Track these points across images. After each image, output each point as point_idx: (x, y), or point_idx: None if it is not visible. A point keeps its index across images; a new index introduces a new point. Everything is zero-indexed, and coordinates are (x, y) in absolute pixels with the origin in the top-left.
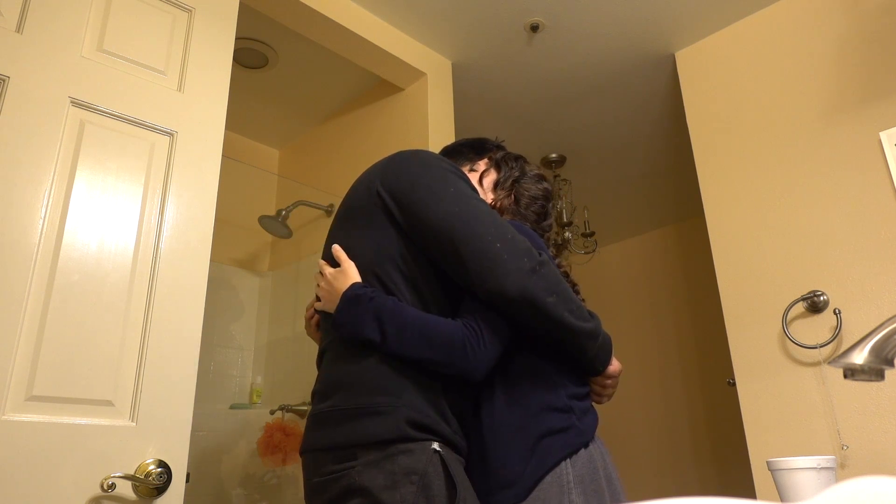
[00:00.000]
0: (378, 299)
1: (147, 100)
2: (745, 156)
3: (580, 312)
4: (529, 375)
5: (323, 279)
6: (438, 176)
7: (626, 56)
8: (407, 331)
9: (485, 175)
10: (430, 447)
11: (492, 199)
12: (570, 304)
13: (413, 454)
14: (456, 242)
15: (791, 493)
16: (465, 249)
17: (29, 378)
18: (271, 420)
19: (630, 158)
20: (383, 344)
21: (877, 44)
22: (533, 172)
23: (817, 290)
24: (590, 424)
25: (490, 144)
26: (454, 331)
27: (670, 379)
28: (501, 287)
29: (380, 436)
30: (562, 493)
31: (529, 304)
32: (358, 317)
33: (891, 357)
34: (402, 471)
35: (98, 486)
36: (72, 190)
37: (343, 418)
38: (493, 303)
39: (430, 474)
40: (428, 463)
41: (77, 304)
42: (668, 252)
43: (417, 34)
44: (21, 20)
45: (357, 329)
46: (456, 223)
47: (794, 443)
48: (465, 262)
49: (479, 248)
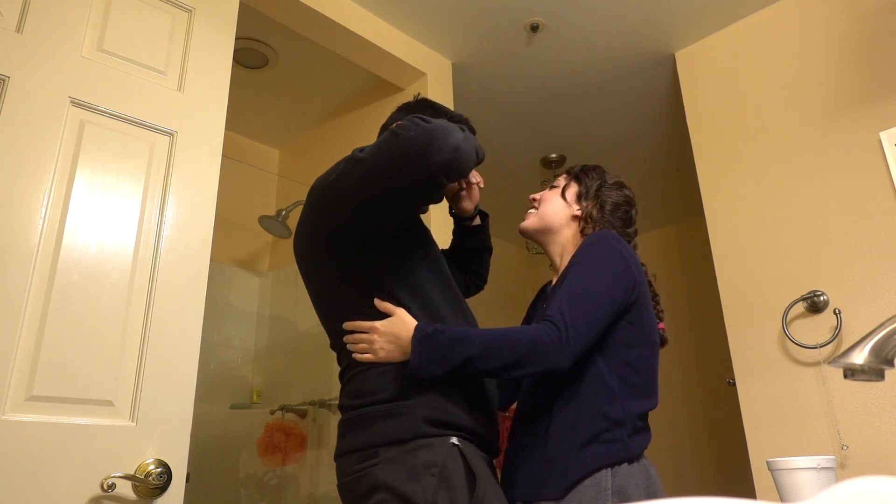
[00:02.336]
0: (447, 331)
1: (147, 100)
2: (745, 156)
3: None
4: (596, 383)
5: (377, 334)
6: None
7: (626, 56)
8: (490, 346)
9: (567, 189)
10: (448, 441)
11: (578, 210)
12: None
13: (433, 448)
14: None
15: (791, 493)
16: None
17: (29, 378)
18: (271, 420)
19: (630, 158)
20: (471, 367)
21: (877, 44)
22: (613, 180)
23: (817, 290)
24: (639, 443)
25: (450, 114)
26: (534, 330)
27: (670, 379)
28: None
29: (399, 434)
30: (598, 500)
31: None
32: (438, 353)
33: (891, 357)
34: (422, 464)
35: (98, 486)
36: (72, 190)
37: (365, 422)
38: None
39: (450, 467)
40: (447, 456)
41: (77, 304)
42: (667, 252)
43: (417, 34)
44: (21, 20)
45: (441, 365)
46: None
47: (794, 443)
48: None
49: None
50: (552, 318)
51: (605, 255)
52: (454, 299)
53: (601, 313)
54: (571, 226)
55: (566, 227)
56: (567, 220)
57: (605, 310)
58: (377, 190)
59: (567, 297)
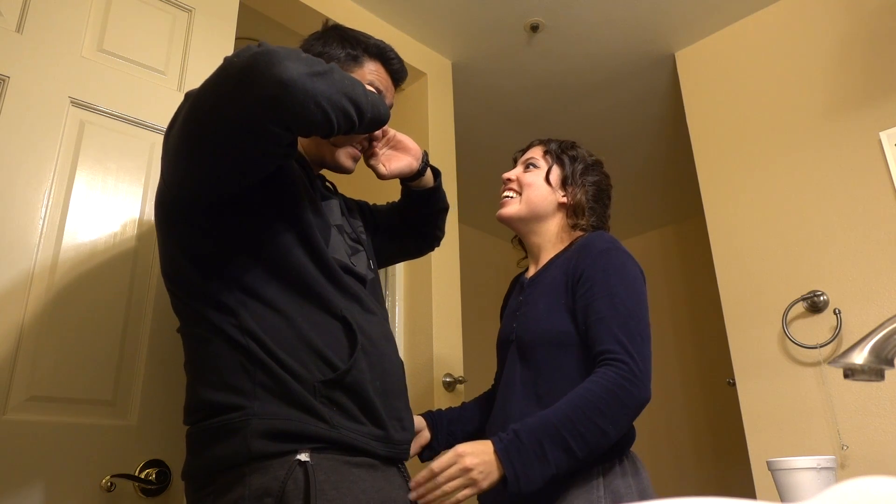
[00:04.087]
0: (521, 431)
1: (147, 100)
2: (744, 156)
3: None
4: (567, 383)
5: (459, 467)
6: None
7: (626, 56)
8: (577, 429)
9: (550, 173)
10: (292, 459)
11: (563, 197)
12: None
13: (267, 471)
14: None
15: (791, 493)
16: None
17: (29, 378)
18: None
19: (630, 158)
20: (576, 460)
21: (877, 44)
22: (592, 160)
23: (817, 290)
24: (627, 439)
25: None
26: (605, 380)
27: (670, 379)
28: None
29: (229, 459)
30: (590, 501)
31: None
32: (530, 460)
33: (891, 357)
34: (253, 494)
35: (98, 486)
36: (72, 190)
37: (198, 442)
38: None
39: (290, 493)
40: (287, 478)
41: (77, 304)
42: (667, 252)
43: (417, 34)
44: (21, 20)
45: (539, 473)
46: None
47: (794, 443)
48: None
49: None
50: (615, 355)
51: (624, 264)
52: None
53: (647, 325)
54: (557, 214)
55: (552, 215)
56: (553, 207)
57: (647, 319)
58: (195, 136)
59: (614, 322)
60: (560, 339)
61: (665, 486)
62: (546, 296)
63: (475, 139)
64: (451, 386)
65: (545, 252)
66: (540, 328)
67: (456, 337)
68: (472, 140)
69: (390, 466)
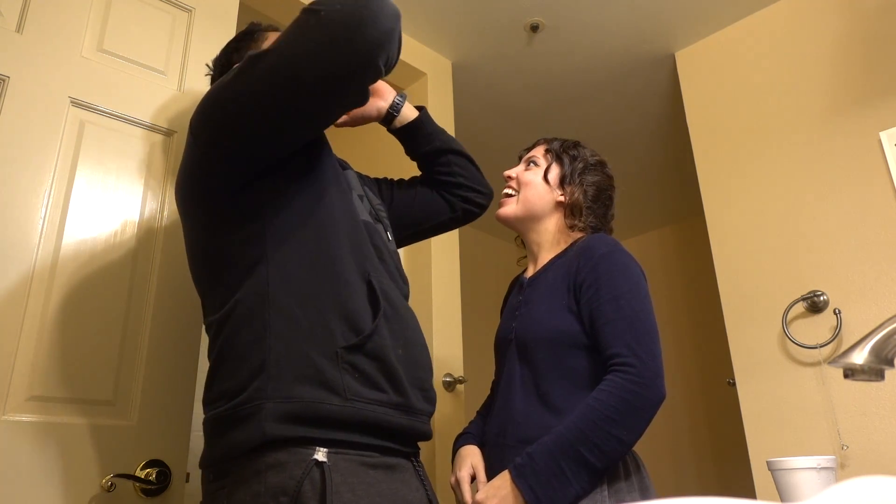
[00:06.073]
0: (535, 453)
1: (147, 100)
2: (744, 156)
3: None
4: (567, 382)
5: (485, 498)
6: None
7: (626, 56)
8: (592, 440)
9: (549, 171)
10: (310, 458)
11: (561, 196)
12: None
13: (285, 469)
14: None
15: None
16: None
17: (29, 378)
18: None
19: (629, 158)
20: (596, 472)
21: (876, 44)
22: (595, 159)
23: (817, 290)
24: None
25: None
26: (614, 387)
27: (670, 379)
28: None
29: (244, 443)
30: (592, 499)
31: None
32: (548, 479)
33: (891, 357)
34: (269, 492)
35: (98, 486)
36: (72, 190)
37: (215, 429)
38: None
39: (305, 493)
40: (303, 479)
41: (77, 303)
42: (667, 252)
43: (417, 34)
44: (21, 20)
45: (560, 491)
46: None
47: (794, 443)
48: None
49: None
50: (623, 359)
51: (627, 265)
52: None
53: (654, 323)
54: (555, 214)
55: (550, 215)
56: (551, 206)
57: (654, 317)
58: (290, 88)
59: (621, 324)
60: (560, 338)
61: (665, 486)
62: (546, 296)
63: (475, 139)
64: (451, 386)
65: (544, 252)
66: (539, 327)
67: (456, 337)
68: (472, 140)
69: (405, 463)
